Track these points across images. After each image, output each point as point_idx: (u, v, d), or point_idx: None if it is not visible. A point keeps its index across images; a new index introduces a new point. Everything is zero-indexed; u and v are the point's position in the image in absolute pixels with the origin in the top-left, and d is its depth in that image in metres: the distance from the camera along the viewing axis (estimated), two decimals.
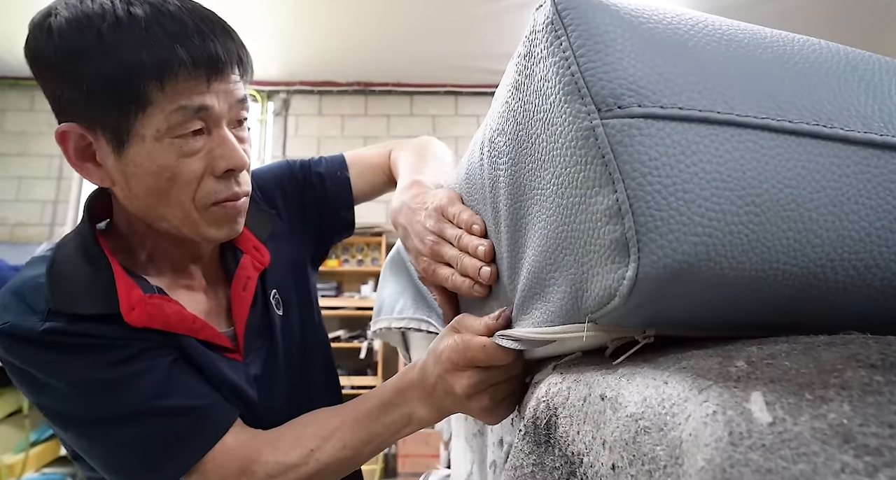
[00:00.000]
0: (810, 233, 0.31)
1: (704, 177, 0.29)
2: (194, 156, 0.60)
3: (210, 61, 0.58)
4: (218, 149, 0.61)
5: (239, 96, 0.63)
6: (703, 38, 0.34)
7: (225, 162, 0.62)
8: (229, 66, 0.60)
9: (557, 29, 0.32)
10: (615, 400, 0.30)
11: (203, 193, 0.62)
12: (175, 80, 0.57)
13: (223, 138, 0.62)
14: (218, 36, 0.60)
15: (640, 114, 0.30)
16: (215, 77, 0.59)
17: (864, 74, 0.36)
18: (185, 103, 0.58)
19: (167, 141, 0.58)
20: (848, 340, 0.27)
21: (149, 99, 0.56)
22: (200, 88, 0.58)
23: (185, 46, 0.56)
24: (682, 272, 0.29)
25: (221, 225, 0.65)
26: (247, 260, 0.76)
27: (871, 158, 0.32)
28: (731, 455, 0.21)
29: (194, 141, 0.60)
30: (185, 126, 0.59)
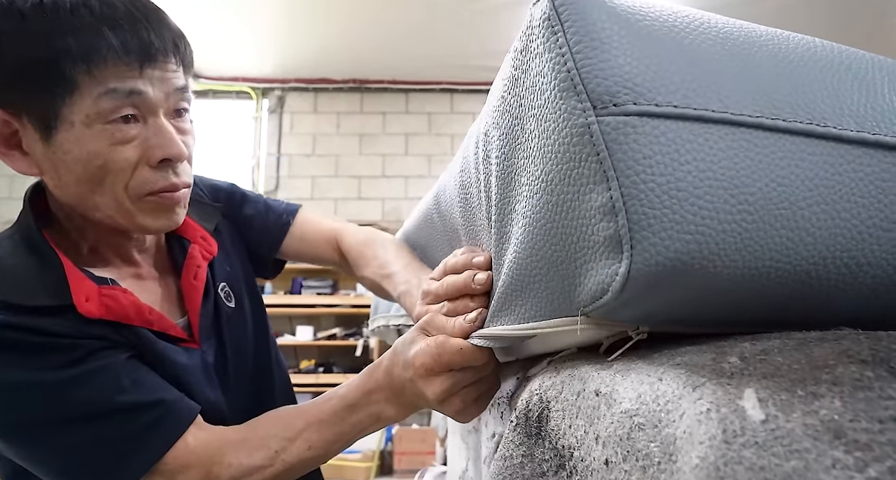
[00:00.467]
0: (803, 231, 0.31)
1: (698, 176, 0.29)
2: (128, 144, 0.58)
3: (142, 47, 0.56)
4: (154, 137, 0.59)
5: (177, 85, 0.61)
6: (699, 36, 0.34)
7: (161, 151, 0.59)
8: (163, 53, 0.58)
9: (554, 25, 0.32)
10: (609, 396, 0.31)
11: (137, 183, 0.59)
12: (104, 65, 0.55)
13: (159, 127, 0.59)
14: (151, 22, 0.58)
15: (635, 111, 0.30)
16: (148, 63, 0.57)
17: (858, 73, 0.36)
18: (115, 86, 0.56)
19: (98, 127, 0.56)
20: (840, 336, 0.28)
21: (76, 83, 0.54)
22: (132, 73, 0.56)
23: (114, 31, 0.55)
24: (674, 269, 0.29)
25: (158, 215, 0.63)
26: (195, 249, 0.74)
27: (863, 157, 0.32)
28: (725, 453, 0.21)
29: (127, 128, 0.58)
30: (116, 111, 0.56)
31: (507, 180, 0.40)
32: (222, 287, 0.77)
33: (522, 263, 0.39)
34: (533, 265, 0.38)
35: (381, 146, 4.67)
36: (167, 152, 0.60)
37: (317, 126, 4.70)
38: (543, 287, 0.37)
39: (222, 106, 4.74)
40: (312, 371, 4.21)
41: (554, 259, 0.35)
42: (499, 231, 0.43)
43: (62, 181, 0.59)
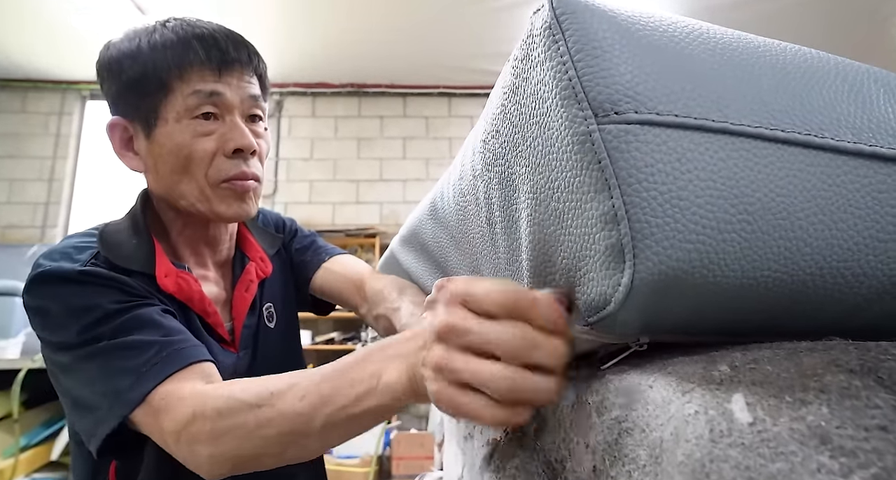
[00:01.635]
0: (801, 241, 0.31)
1: (699, 185, 0.30)
2: (207, 136, 0.71)
3: (222, 57, 0.71)
4: (228, 132, 0.72)
5: (251, 92, 0.74)
6: (699, 46, 0.34)
7: (233, 142, 0.71)
8: (239, 64, 0.72)
9: (555, 33, 0.33)
10: (600, 404, 0.31)
11: (214, 170, 0.72)
12: (190, 70, 0.69)
13: (234, 123, 0.72)
14: (230, 40, 0.73)
15: (636, 120, 0.30)
16: (226, 69, 0.71)
17: (854, 84, 0.37)
18: (199, 88, 0.70)
19: (185, 122, 0.70)
20: (829, 346, 0.28)
21: (170, 86, 0.69)
22: (213, 77, 0.70)
23: (200, 44, 0.70)
24: (676, 278, 0.29)
25: (231, 202, 0.73)
26: (252, 266, 0.85)
27: (860, 168, 0.33)
28: (711, 451, 0.22)
29: (208, 123, 0.71)
30: (199, 108, 0.70)
31: (511, 188, 0.40)
32: (267, 306, 0.86)
33: (532, 270, 0.39)
34: (539, 272, 0.38)
35: (379, 150, 4.67)
36: (238, 143, 0.72)
37: (315, 130, 4.70)
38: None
39: None
40: None
41: (558, 267, 0.35)
42: (508, 238, 0.43)
43: (159, 173, 0.73)
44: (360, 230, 4.38)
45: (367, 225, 4.44)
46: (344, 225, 4.45)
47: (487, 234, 0.47)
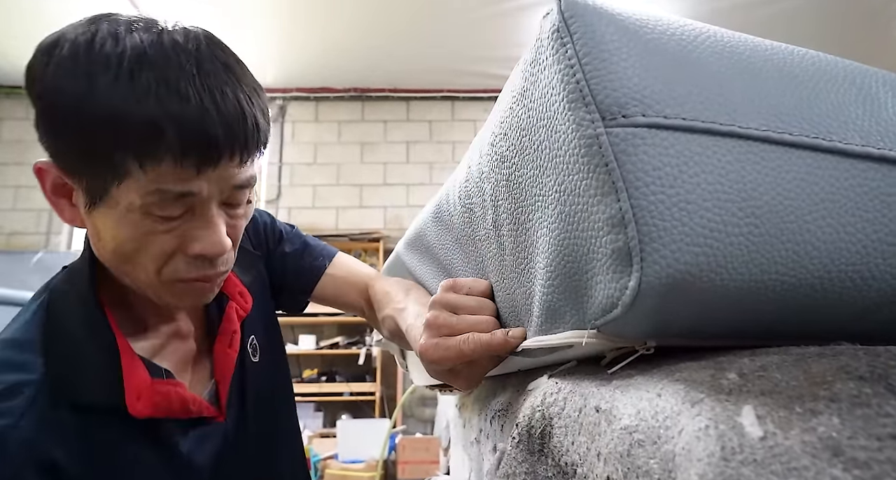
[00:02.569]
0: (808, 244, 0.31)
1: (707, 188, 0.29)
2: (167, 233, 0.54)
3: (204, 148, 0.51)
4: (196, 230, 0.55)
5: (237, 182, 0.55)
6: (706, 49, 0.34)
7: (200, 246, 0.55)
8: (228, 151, 0.52)
9: (563, 37, 0.33)
10: (610, 413, 0.31)
11: (170, 270, 0.56)
12: (158, 166, 0.50)
13: (207, 221, 0.55)
14: (226, 116, 0.51)
15: (644, 123, 0.30)
16: (206, 166, 0.51)
17: (862, 87, 0.36)
18: (167, 188, 0.51)
19: (138, 215, 0.52)
20: (838, 351, 0.28)
21: (127, 172, 0.50)
22: (187, 175, 0.51)
23: (176, 126, 0.49)
24: (684, 282, 0.29)
25: (185, 298, 0.59)
26: (231, 309, 0.70)
27: (868, 171, 0.33)
28: (724, 471, 0.21)
29: (171, 221, 0.53)
30: (161, 208, 0.52)
31: (520, 190, 0.40)
32: (251, 341, 0.74)
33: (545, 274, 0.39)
34: (549, 275, 0.38)
35: (383, 154, 4.68)
36: (206, 250, 0.55)
37: (318, 135, 4.71)
38: (556, 299, 0.37)
39: None
40: (315, 380, 4.20)
41: (566, 270, 0.35)
42: (515, 240, 0.43)
43: (99, 244, 0.56)
44: (364, 234, 4.39)
45: (371, 229, 4.45)
46: (347, 229, 4.46)
47: (493, 236, 0.47)
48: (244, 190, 0.57)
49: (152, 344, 0.63)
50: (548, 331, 0.39)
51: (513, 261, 0.44)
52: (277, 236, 0.86)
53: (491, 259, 0.50)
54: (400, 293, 0.73)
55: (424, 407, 4.24)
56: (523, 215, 0.40)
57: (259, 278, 0.81)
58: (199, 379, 0.68)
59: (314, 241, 0.90)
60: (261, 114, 0.55)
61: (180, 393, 0.60)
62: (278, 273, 0.85)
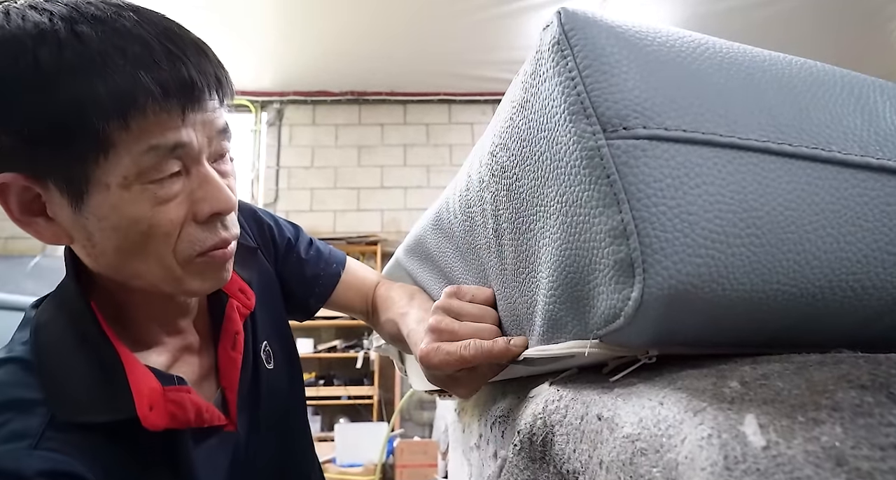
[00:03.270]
0: (809, 254, 0.31)
1: (708, 200, 0.30)
2: (172, 201, 0.50)
3: (184, 88, 0.48)
4: (200, 190, 0.52)
5: (219, 126, 0.54)
6: (706, 61, 0.34)
7: (209, 205, 0.52)
8: (207, 91, 0.50)
9: (564, 49, 0.33)
10: (612, 421, 0.31)
11: (185, 243, 0.52)
12: (143, 116, 0.46)
13: (205, 177, 0.52)
14: (190, 56, 0.49)
15: (645, 135, 0.30)
16: (191, 107, 0.49)
17: (860, 97, 0.37)
18: (158, 142, 0.48)
19: (138, 188, 0.48)
20: (839, 360, 0.28)
21: (111, 141, 0.46)
22: (174, 123, 0.48)
23: (150, 73, 0.46)
24: (686, 293, 0.29)
25: (207, 276, 0.56)
26: (232, 307, 0.66)
27: (867, 181, 0.33)
28: None
29: (171, 184, 0.50)
30: (159, 169, 0.49)
31: (521, 201, 0.40)
32: (264, 346, 0.70)
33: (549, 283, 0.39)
34: (551, 286, 0.38)
35: (380, 157, 4.68)
36: (217, 206, 0.53)
37: (315, 138, 4.71)
38: (558, 309, 0.37)
39: None
40: (313, 383, 4.19)
41: (568, 280, 0.35)
42: (517, 249, 0.43)
43: (97, 250, 0.51)
44: (362, 237, 4.39)
45: (369, 232, 4.44)
46: (345, 232, 4.45)
47: (494, 245, 0.48)
48: (227, 137, 0.56)
49: (163, 360, 0.59)
50: (550, 341, 0.39)
51: (514, 270, 0.44)
52: (286, 239, 0.82)
53: (492, 268, 0.50)
54: (403, 298, 0.72)
55: (423, 411, 4.24)
56: (524, 225, 0.40)
57: (264, 275, 0.76)
58: (206, 388, 0.63)
59: (323, 245, 0.86)
60: (216, 56, 0.54)
61: (195, 401, 0.55)
62: (291, 278, 0.81)
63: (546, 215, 0.36)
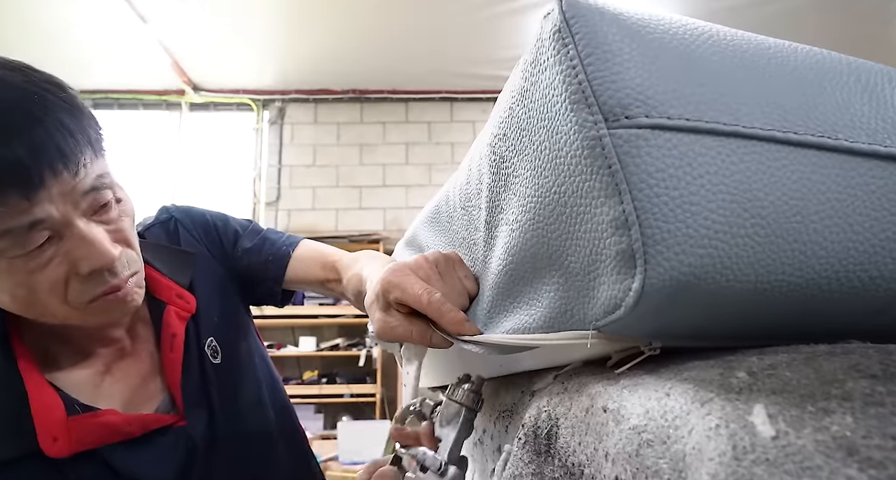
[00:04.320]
0: (815, 245, 0.31)
1: (711, 190, 0.29)
2: (48, 266, 0.51)
3: (15, 176, 0.47)
4: (76, 250, 0.52)
5: (84, 188, 0.52)
6: (709, 49, 0.34)
7: (87, 264, 0.53)
8: (49, 167, 0.48)
9: (565, 37, 0.32)
10: (617, 412, 0.30)
11: (75, 295, 0.54)
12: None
13: (80, 237, 0.52)
14: (21, 135, 0.47)
15: (647, 124, 0.29)
16: (33, 190, 0.48)
17: (867, 84, 0.36)
18: (9, 226, 0.48)
19: (5, 262, 0.50)
20: (849, 350, 0.27)
21: None
22: (20, 206, 0.48)
23: None
24: (688, 284, 0.29)
25: (109, 312, 0.58)
26: (170, 313, 0.69)
27: (875, 170, 0.32)
28: (736, 470, 0.21)
29: (41, 253, 0.51)
30: (22, 246, 0.49)
31: (516, 190, 0.40)
32: (209, 343, 0.73)
33: (526, 272, 0.38)
34: (539, 275, 0.37)
35: (382, 156, 4.67)
36: (95, 264, 0.53)
37: (317, 137, 4.71)
38: (549, 298, 0.37)
39: (223, 118, 4.76)
40: (316, 382, 4.19)
41: (566, 271, 0.35)
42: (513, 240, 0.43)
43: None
44: (364, 236, 4.38)
45: (371, 231, 4.44)
46: (347, 231, 4.45)
47: (484, 238, 0.47)
48: (100, 191, 0.54)
49: (91, 373, 0.62)
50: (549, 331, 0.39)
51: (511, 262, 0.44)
52: (232, 234, 0.84)
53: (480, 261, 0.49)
54: (372, 259, 0.74)
55: None
56: (522, 216, 0.40)
57: (209, 276, 0.78)
58: (153, 390, 0.67)
59: (275, 234, 0.88)
60: (67, 116, 0.51)
61: (104, 422, 0.57)
62: (243, 269, 0.84)
63: (542, 205, 0.36)
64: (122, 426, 0.59)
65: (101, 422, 0.57)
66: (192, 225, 0.80)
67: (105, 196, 0.55)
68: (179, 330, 0.69)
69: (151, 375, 0.68)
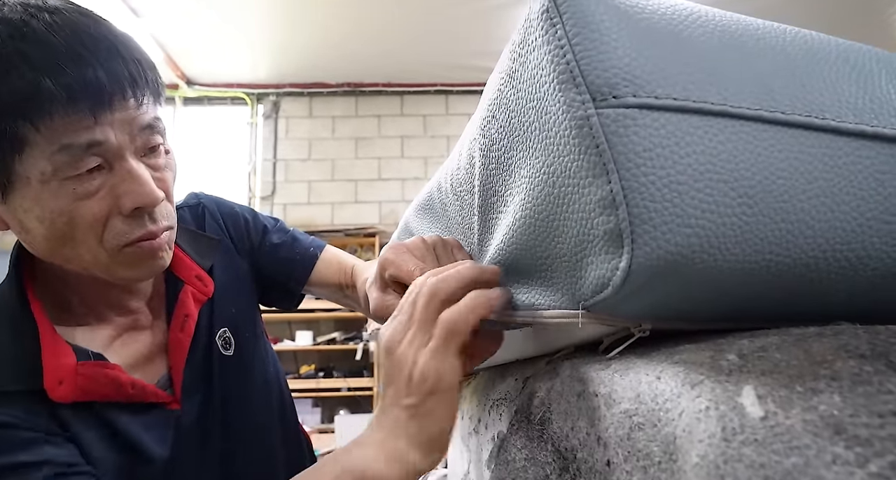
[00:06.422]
0: (803, 224, 0.31)
1: (698, 169, 0.29)
2: (94, 196, 0.52)
3: (91, 92, 0.49)
4: (123, 184, 0.53)
5: (142, 123, 0.54)
6: (697, 29, 0.34)
7: (131, 200, 0.53)
8: (120, 92, 0.51)
9: (553, 17, 0.32)
10: (609, 397, 0.30)
11: (111, 235, 0.54)
12: (49, 118, 0.48)
13: (129, 172, 0.53)
14: (100, 58, 0.50)
15: (634, 104, 0.30)
16: (102, 109, 0.50)
17: (855, 65, 0.36)
18: (70, 141, 0.49)
19: (56, 183, 0.50)
20: (838, 331, 0.27)
21: (23, 140, 0.48)
22: (85, 123, 0.49)
23: (53, 76, 0.47)
24: (675, 263, 0.29)
25: (138, 265, 0.57)
26: (186, 293, 0.68)
27: (862, 149, 0.32)
28: (725, 451, 0.21)
29: (90, 179, 0.51)
30: (76, 166, 0.50)
31: (506, 172, 0.40)
32: (222, 333, 0.71)
33: (519, 253, 0.39)
34: (532, 255, 0.37)
35: (377, 149, 4.67)
36: (139, 201, 0.54)
37: (312, 130, 4.69)
38: (543, 277, 0.37)
39: (217, 112, 4.74)
40: (313, 376, 4.20)
41: (556, 251, 0.35)
42: (483, 220, 0.42)
43: (31, 238, 0.54)
44: (360, 230, 4.38)
45: (367, 224, 4.44)
46: (343, 225, 4.45)
47: (478, 222, 0.47)
48: (154, 133, 0.56)
49: (103, 336, 0.62)
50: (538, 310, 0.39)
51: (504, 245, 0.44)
52: (261, 229, 0.84)
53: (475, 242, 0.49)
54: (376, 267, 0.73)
55: None
56: (514, 198, 0.40)
57: (231, 267, 0.78)
58: (156, 367, 0.66)
59: (301, 235, 0.88)
60: (137, 53, 0.54)
61: (111, 375, 0.58)
62: (268, 265, 0.83)
63: (532, 186, 0.36)
64: (126, 385, 0.59)
65: (108, 374, 0.57)
66: (220, 215, 0.80)
67: (157, 139, 0.57)
68: (193, 312, 0.68)
69: (158, 352, 0.67)
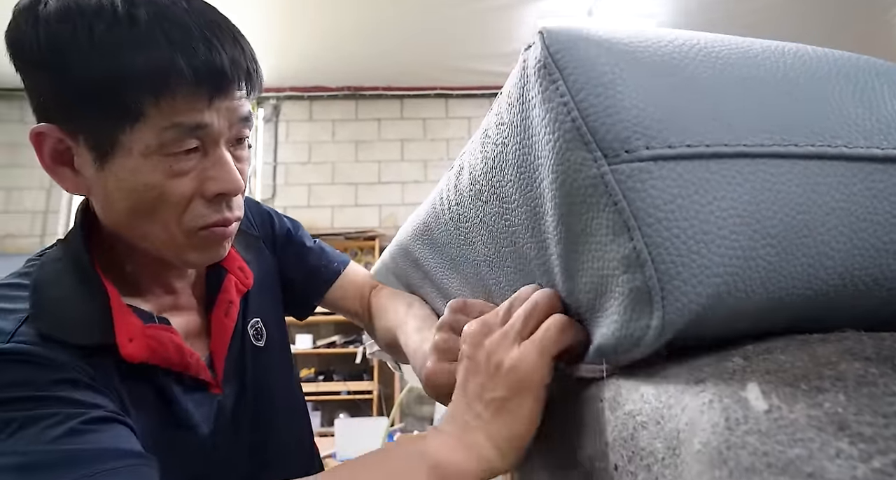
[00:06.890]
0: (823, 255, 0.31)
1: (721, 215, 0.29)
2: (185, 176, 0.55)
3: (214, 76, 0.53)
4: (212, 169, 0.56)
5: (242, 114, 0.57)
6: (700, 65, 0.33)
7: (217, 185, 0.56)
8: (235, 81, 0.55)
9: (552, 73, 0.31)
10: (613, 400, 0.31)
11: (190, 216, 0.57)
12: (172, 96, 0.51)
13: (220, 158, 0.56)
14: (226, 46, 0.54)
15: (648, 156, 0.29)
16: (218, 93, 0.54)
17: (858, 83, 0.35)
18: (182, 120, 0.52)
19: (156, 158, 0.53)
20: (843, 336, 0.28)
21: (141, 112, 0.51)
22: (200, 105, 0.53)
23: (187, 57, 0.51)
24: (704, 312, 0.28)
25: (206, 249, 0.60)
26: (230, 281, 0.70)
27: (875, 173, 0.32)
28: (728, 439, 0.21)
29: (186, 159, 0.54)
30: (178, 144, 0.53)
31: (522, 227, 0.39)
32: (254, 323, 0.73)
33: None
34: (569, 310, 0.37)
35: (377, 152, 4.67)
36: (224, 187, 0.57)
37: (312, 134, 4.69)
38: None
39: None
40: (313, 379, 4.19)
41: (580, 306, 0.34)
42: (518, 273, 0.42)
43: (113, 208, 0.56)
44: (360, 233, 4.38)
45: (367, 227, 4.44)
46: (343, 228, 4.45)
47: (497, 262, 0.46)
48: (248, 125, 0.59)
49: (149, 308, 0.63)
50: None
51: None
52: (286, 229, 0.85)
53: (496, 284, 0.49)
54: (401, 307, 0.74)
55: (422, 405, 4.24)
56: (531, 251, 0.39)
57: (265, 264, 0.79)
58: (196, 349, 0.65)
59: (329, 247, 0.90)
60: (250, 46, 0.58)
61: (175, 340, 0.59)
62: (293, 267, 0.84)
63: (550, 244, 0.35)
64: (185, 352, 0.60)
65: (172, 338, 0.59)
66: (248, 211, 0.80)
67: (247, 132, 0.60)
68: (236, 300, 0.70)
69: (198, 335, 0.68)
